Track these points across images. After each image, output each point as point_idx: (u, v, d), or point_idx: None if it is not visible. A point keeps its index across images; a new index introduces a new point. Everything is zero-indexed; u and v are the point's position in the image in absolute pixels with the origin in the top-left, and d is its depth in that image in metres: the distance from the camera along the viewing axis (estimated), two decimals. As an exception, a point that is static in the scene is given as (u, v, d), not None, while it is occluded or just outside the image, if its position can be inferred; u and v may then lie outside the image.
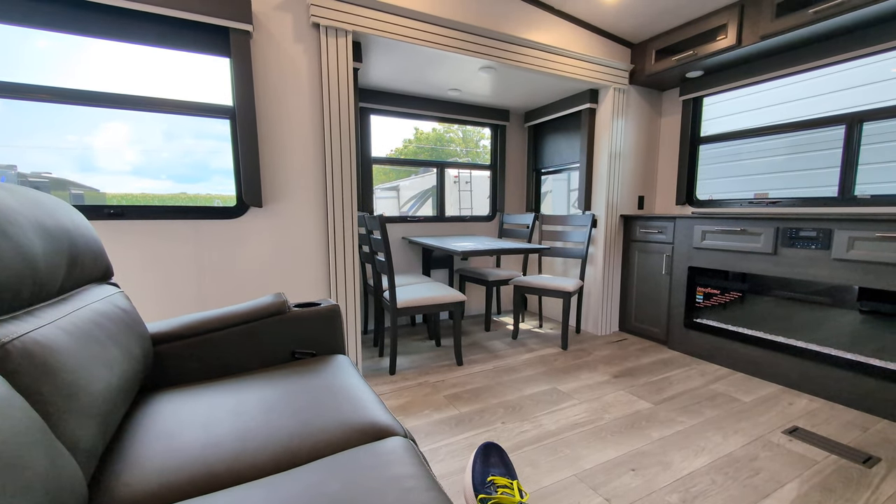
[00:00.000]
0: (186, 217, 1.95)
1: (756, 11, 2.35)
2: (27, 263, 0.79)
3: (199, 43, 1.89)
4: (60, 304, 0.90)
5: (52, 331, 0.79)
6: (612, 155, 3.11)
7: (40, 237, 0.86)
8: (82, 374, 0.78)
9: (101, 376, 0.84)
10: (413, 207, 5.32)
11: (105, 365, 0.87)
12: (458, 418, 1.95)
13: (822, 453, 1.69)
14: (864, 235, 1.99)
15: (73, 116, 1.88)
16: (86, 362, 0.81)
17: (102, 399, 0.82)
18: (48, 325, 0.79)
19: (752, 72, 2.69)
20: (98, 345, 0.89)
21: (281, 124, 2.06)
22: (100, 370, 0.85)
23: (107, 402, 0.84)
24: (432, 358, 2.74)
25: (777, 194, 2.72)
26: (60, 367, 0.74)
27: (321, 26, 2.03)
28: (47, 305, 0.86)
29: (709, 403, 2.13)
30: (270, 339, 1.36)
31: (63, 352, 0.77)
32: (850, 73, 2.36)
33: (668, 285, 2.93)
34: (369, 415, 1.00)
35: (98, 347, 0.88)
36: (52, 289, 0.90)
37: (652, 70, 2.95)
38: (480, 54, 2.46)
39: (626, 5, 2.61)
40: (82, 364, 0.80)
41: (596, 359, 2.75)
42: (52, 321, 0.81)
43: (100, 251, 1.15)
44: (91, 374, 0.81)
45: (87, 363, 0.82)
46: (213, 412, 1.00)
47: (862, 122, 2.31)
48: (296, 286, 2.18)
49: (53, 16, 1.66)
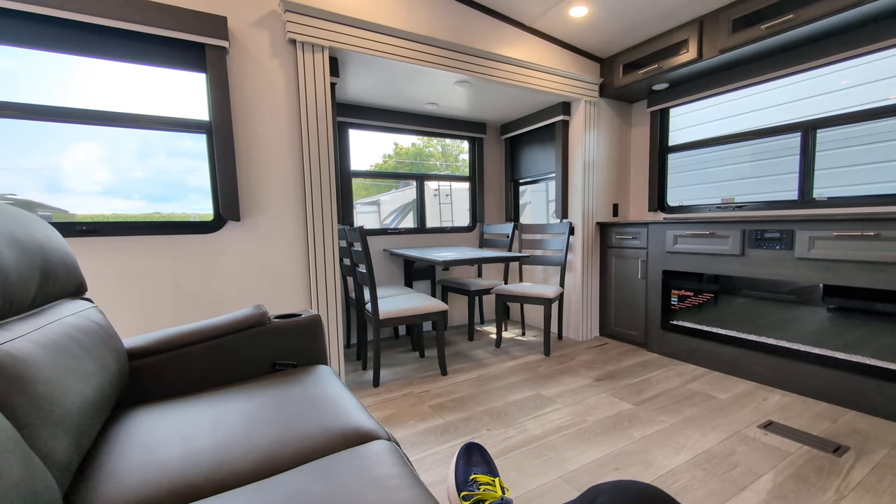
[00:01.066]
0: (162, 233, 1.92)
1: (714, 27, 2.49)
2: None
3: (174, 59, 1.89)
4: (33, 318, 0.88)
5: (25, 343, 0.77)
6: (586, 165, 3.20)
7: (12, 249, 0.85)
8: (56, 386, 0.77)
9: (75, 389, 0.83)
10: (394, 221, 5.33)
11: (80, 377, 0.86)
12: (443, 427, 1.95)
13: (795, 445, 1.75)
14: (822, 235, 2.10)
15: (41, 135, 1.83)
16: (60, 374, 0.80)
17: (77, 411, 0.81)
18: (20, 337, 0.78)
19: (714, 84, 2.83)
20: (72, 358, 0.87)
21: (258, 138, 2.06)
22: (75, 382, 0.83)
23: (82, 414, 0.82)
24: (416, 369, 2.74)
25: (743, 199, 2.85)
26: (33, 378, 0.73)
27: (297, 42, 2.06)
28: (19, 319, 0.85)
29: (687, 402, 2.18)
30: (250, 352, 1.34)
31: (36, 364, 0.75)
32: (805, 84, 2.50)
33: (645, 289, 3.01)
34: (352, 420, 1.00)
35: (72, 360, 0.87)
36: (24, 302, 0.88)
37: (620, 83, 3.07)
38: (456, 69, 2.53)
39: (593, 22, 2.73)
40: (56, 376, 0.79)
41: (578, 363, 2.78)
42: (24, 334, 0.80)
43: (73, 266, 1.14)
44: (65, 386, 0.80)
45: (62, 375, 0.80)
46: (193, 425, 0.98)
47: (816, 129, 2.45)
48: (276, 300, 2.16)
49: (22, 33, 1.65)
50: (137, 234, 1.88)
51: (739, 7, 2.35)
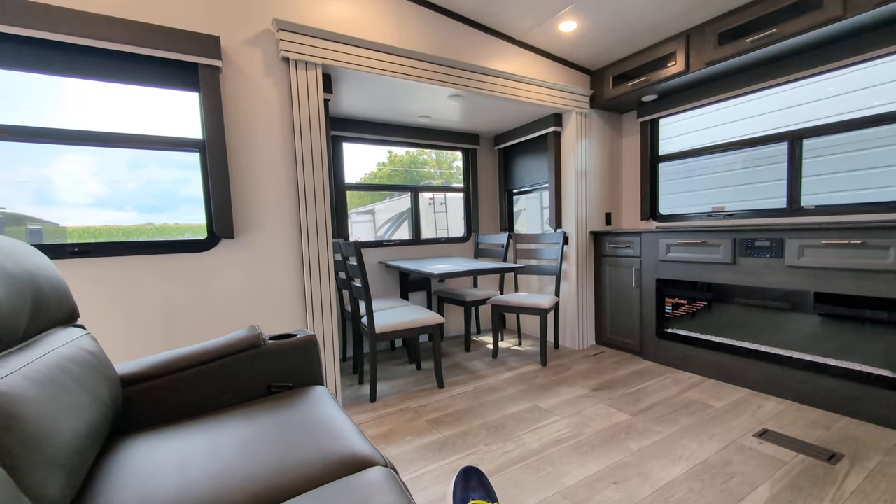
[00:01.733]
0: (154, 252, 1.91)
1: (701, 40, 2.53)
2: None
3: (166, 79, 1.89)
4: (24, 351, 0.87)
5: (16, 380, 0.77)
6: (579, 174, 3.23)
7: (2, 283, 0.84)
8: (48, 423, 0.76)
9: (68, 424, 0.82)
10: (389, 230, 5.33)
11: (72, 412, 0.85)
12: (441, 443, 1.94)
13: (790, 454, 1.76)
14: (811, 243, 2.13)
15: (30, 149, 1.82)
16: (52, 411, 0.79)
17: (70, 448, 0.80)
18: (11, 374, 0.77)
19: (703, 94, 2.87)
20: (65, 391, 0.87)
21: (252, 156, 2.06)
22: (67, 418, 0.82)
23: (75, 451, 0.81)
24: (413, 382, 2.73)
25: (733, 207, 2.88)
26: (25, 417, 0.72)
27: (291, 60, 2.07)
28: (10, 353, 0.84)
29: (683, 411, 2.19)
30: (245, 375, 1.34)
31: (28, 401, 0.75)
32: (791, 93, 2.55)
33: (639, 297, 3.03)
34: (349, 445, 0.99)
35: (65, 394, 0.86)
36: (16, 336, 0.87)
37: (610, 95, 3.11)
38: (448, 83, 2.55)
39: (582, 36, 2.77)
40: (48, 413, 0.78)
41: (575, 373, 2.79)
42: (16, 370, 0.79)
43: (65, 293, 1.13)
44: (58, 422, 0.79)
45: (54, 411, 0.79)
46: (188, 454, 0.97)
47: (802, 138, 2.49)
48: (271, 317, 2.15)
49: (12, 55, 1.64)
50: (130, 254, 1.87)
51: (725, 21, 2.39)
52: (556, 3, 2.45)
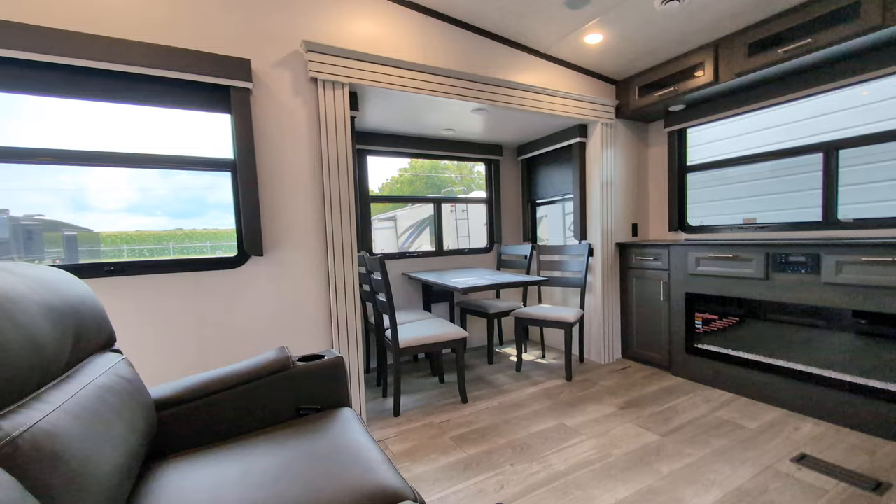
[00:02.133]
0: (186, 270, 1.96)
1: (730, 51, 2.46)
2: (36, 351, 0.81)
3: (200, 101, 1.94)
4: (65, 384, 0.90)
5: (60, 416, 0.79)
6: (604, 185, 3.18)
7: (48, 320, 0.87)
8: (90, 458, 0.79)
9: (107, 458, 0.84)
10: (411, 237, 5.35)
11: (111, 445, 0.87)
12: (465, 462, 1.93)
13: (831, 481, 1.68)
14: (850, 260, 2.04)
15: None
16: (93, 445, 0.81)
17: (109, 482, 0.82)
18: (55, 410, 0.79)
19: (731, 104, 2.79)
20: (104, 424, 0.89)
21: (281, 174, 2.10)
22: (106, 451, 0.84)
23: (114, 484, 0.83)
24: (436, 396, 2.72)
25: (764, 217, 2.78)
26: (69, 454, 0.74)
27: (319, 80, 2.11)
28: (53, 387, 0.86)
29: (715, 432, 2.12)
30: (275, 397, 1.35)
31: (71, 438, 0.77)
32: (824, 99, 2.45)
33: (668, 311, 2.95)
34: (378, 478, 0.99)
35: (104, 427, 0.88)
36: (58, 368, 0.90)
37: (636, 105, 3.05)
38: (472, 98, 2.55)
39: (608, 47, 2.73)
40: (90, 448, 0.80)
41: (601, 389, 2.74)
42: (59, 405, 0.81)
43: (103, 320, 1.16)
44: (98, 457, 0.81)
45: (95, 446, 0.82)
46: (220, 484, 0.99)
47: (838, 149, 2.39)
48: (297, 332, 2.18)
49: (59, 83, 1.72)
50: (162, 272, 1.92)
51: (755, 31, 2.32)
52: (582, 17, 2.42)
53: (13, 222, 1.88)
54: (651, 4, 2.28)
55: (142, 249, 2.23)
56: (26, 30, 1.59)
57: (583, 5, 2.31)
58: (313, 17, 2.15)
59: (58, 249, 2.02)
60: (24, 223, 1.91)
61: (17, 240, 1.90)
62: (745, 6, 2.23)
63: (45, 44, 1.62)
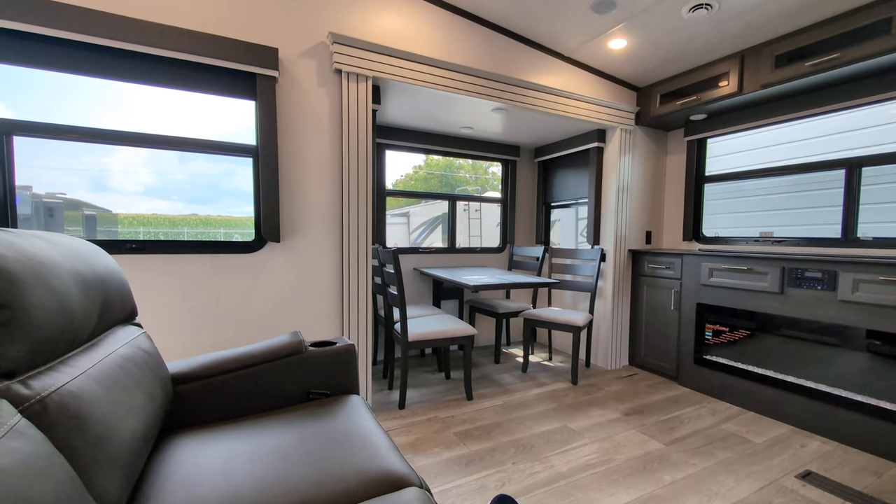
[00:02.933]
0: (205, 251, 2.00)
1: (756, 62, 2.44)
2: (66, 315, 0.84)
3: (226, 87, 1.98)
4: (90, 351, 0.93)
5: (85, 381, 0.82)
6: (620, 192, 3.17)
7: (78, 287, 0.91)
8: (111, 423, 0.81)
9: (127, 425, 0.87)
10: (423, 234, 5.37)
11: (131, 412, 0.90)
12: (468, 457, 1.94)
13: (836, 500, 1.66)
14: (868, 278, 2.01)
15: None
16: (114, 411, 0.84)
17: (128, 448, 0.85)
18: (81, 375, 0.82)
19: (754, 116, 2.76)
20: (125, 392, 0.92)
21: (301, 163, 2.13)
22: (127, 418, 0.87)
23: (132, 450, 0.86)
24: (442, 391, 2.74)
25: (781, 231, 2.75)
26: (92, 418, 0.77)
27: (343, 72, 2.14)
28: (79, 353, 0.90)
29: (720, 444, 2.11)
30: (286, 379, 1.38)
31: (94, 402, 0.80)
32: (849, 116, 2.42)
33: (678, 321, 2.93)
34: (385, 463, 1.01)
35: (125, 395, 0.91)
36: (84, 335, 0.93)
37: (657, 113, 3.04)
38: (493, 97, 2.56)
39: (632, 53, 2.72)
40: (111, 413, 0.83)
41: (606, 395, 2.73)
42: (85, 370, 0.84)
43: (127, 294, 1.20)
44: (119, 423, 0.84)
45: (116, 412, 0.85)
46: (231, 458, 1.01)
47: (861, 166, 2.36)
48: (308, 318, 2.21)
49: (95, 62, 1.77)
50: (181, 252, 1.96)
51: (783, 43, 2.30)
52: (607, 21, 2.42)
53: (35, 199, 1.93)
54: (678, 11, 2.26)
55: (157, 233, 2.28)
56: (69, 11, 1.64)
57: (609, 10, 2.31)
58: (341, 10, 2.18)
59: (77, 228, 2.07)
60: (46, 201, 1.96)
61: (38, 217, 1.96)
62: (773, 17, 2.21)
63: (84, 25, 1.67)
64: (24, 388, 0.69)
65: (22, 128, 1.71)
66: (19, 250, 0.77)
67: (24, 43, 1.66)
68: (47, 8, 1.61)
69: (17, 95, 1.77)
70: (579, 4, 2.31)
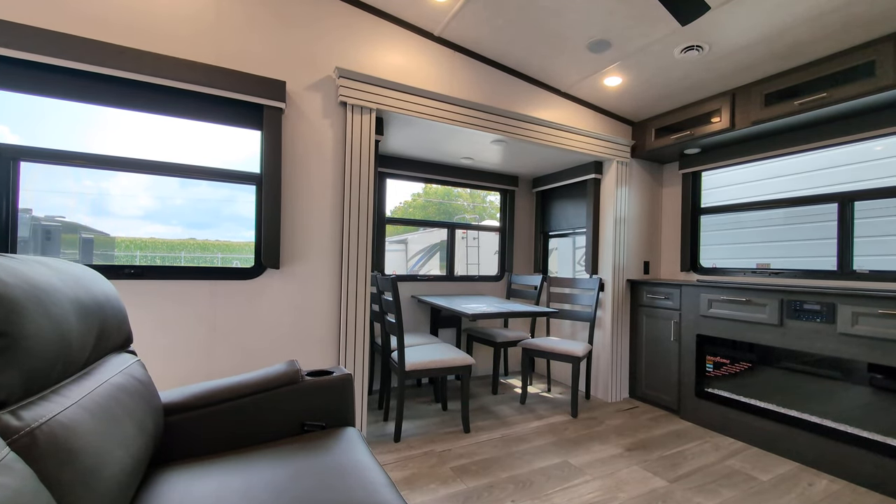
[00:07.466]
0: (204, 277, 1.99)
1: (747, 99, 2.52)
2: (63, 344, 0.83)
3: (233, 117, 2.03)
4: (83, 380, 0.91)
5: (76, 411, 0.80)
6: (617, 222, 3.20)
7: (77, 314, 0.90)
8: (101, 456, 0.79)
9: (116, 458, 0.84)
10: (420, 261, 5.37)
11: (121, 445, 0.88)
12: (465, 494, 1.88)
13: (849, 545, 1.61)
14: (866, 311, 2.01)
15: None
16: (104, 443, 0.82)
17: (116, 483, 0.82)
18: (72, 405, 0.80)
19: (747, 151, 2.83)
20: (116, 423, 0.90)
21: (304, 191, 2.16)
22: (116, 451, 0.85)
23: (120, 485, 0.83)
24: (438, 423, 2.67)
25: (777, 263, 2.77)
26: (81, 451, 0.75)
27: (348, 104, 2.19)
28: (72, 381, 0.88)
29: (725, 482, 2.05)
30: (281, 410, 1.35)
31: (84, 434, 0.78)
32: (839, 152, 2.48)
33: (678, 352, 2.91)
34: (381, 501, 0.98)
35: (116, 426, 0.89)
36: (79, 363, 0.92)
37: (652, 146, 3.11)
38: (493, 130, 2.63)
39: (627, 90, 2.81)
40: (101, 445, 0.81)
41: (607, 429, 2.67)
42: (76, 400, 0.82)
43: (124, 320, 1.18)
44: (108, 456, 0.81)
45: (106, 445, 0.82)
46: (223, 495, 0.98)
47: (853, 200, 2.40)
48: (305, 346, 2.18)
49: (103, 92, 1.81)
50: (180, 277, 1.95)
51: (772, 82, 2.39)
52: (603, 60, 2.51)
53: (34, 222, 1.93)
54: (671, 52, 2.35)
55: (154, 256, 2.26)
56: (84, 43, 1.70)
57: (604, 50, 2.40)
58: (348, 46, 2.26)
59: (73, 251, 2.06)
60: (44, 224, 1.96)
61: (35, 239, 1.95)
62: (762, 58, 2.30)
63: (99, 57, 1.72)
64: (15, 420, 0.67)
65: (29, 153, 1.74)
66: (22, 277, 0.77)
67: (43, 74, 1.71)
68: (69, 41, 1.67)
69: (25, 121, 1.80)
70: (576, 44, 2.40)
